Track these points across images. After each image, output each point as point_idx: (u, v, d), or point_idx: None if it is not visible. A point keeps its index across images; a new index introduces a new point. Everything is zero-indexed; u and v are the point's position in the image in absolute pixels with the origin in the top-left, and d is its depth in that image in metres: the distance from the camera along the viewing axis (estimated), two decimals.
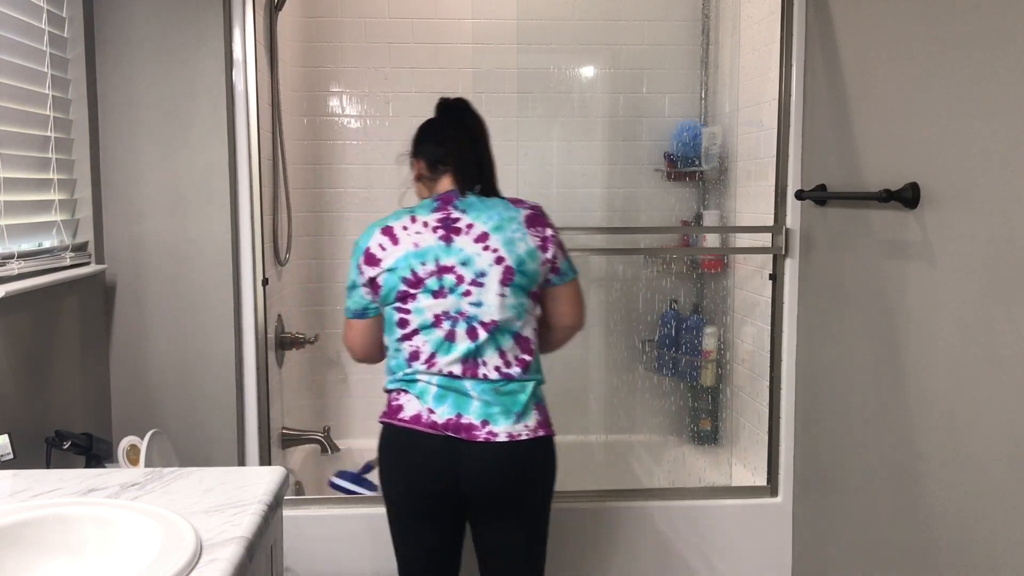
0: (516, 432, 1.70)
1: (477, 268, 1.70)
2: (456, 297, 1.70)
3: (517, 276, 1.71)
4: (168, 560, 1.03)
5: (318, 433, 2.83)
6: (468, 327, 1.70)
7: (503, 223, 1.73)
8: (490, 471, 1.70)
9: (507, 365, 1.72)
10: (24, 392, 1.83)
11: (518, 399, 1.72)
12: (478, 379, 1.71)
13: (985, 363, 1.55)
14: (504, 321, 1.71)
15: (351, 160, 3.10)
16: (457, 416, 1.69)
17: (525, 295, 1.73)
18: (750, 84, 2.73)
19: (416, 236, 1.73)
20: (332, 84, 3.07)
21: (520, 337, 1.74)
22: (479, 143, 1.83)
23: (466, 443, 1.69)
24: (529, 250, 1.72)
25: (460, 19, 3.06)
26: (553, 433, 1.77)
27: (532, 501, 1.75)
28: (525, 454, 1.71)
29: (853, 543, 2.07)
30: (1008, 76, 1.48)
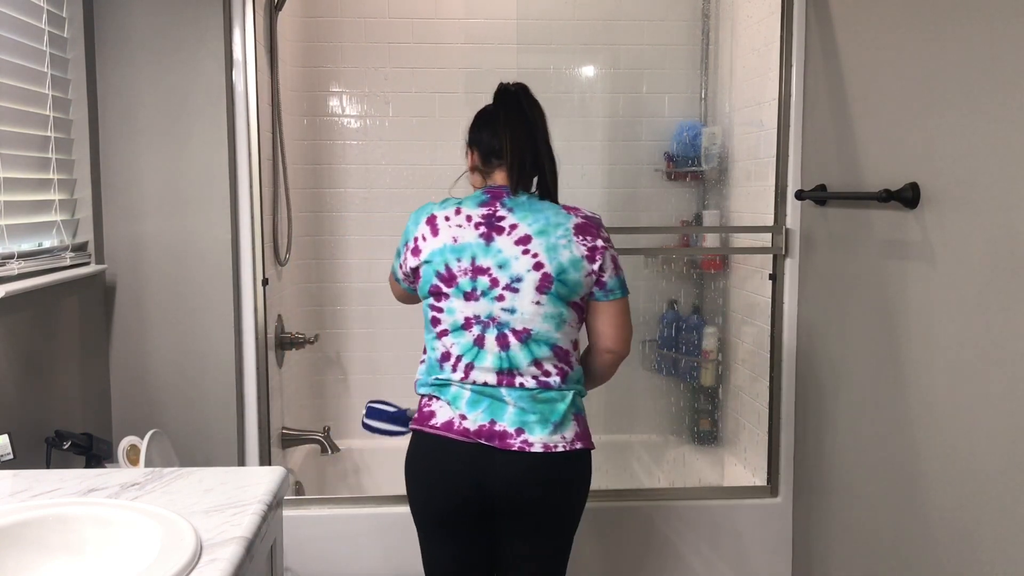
0: (553, 443, 1.61)
1: (513, 272, 1.61)
2: (488, 301, 1.61)
3: (556, 284, 1.61)
4: (168, 560, 1.03)
5: (318, 433, 2.83)
6: (499, 334, 1.62)
7: (548, 227, 1.63)
8: (523, 482, 1.61)
9: (545, 375, 1.63)
10: (24, 392, 1.83)
11: (557, 408, 1.63)
12: (514, 387, 1.63)
13: (985, 363, 1.55)
14: (539, 331, 1.62)
15: (351, 160, 3.10)
16: (491, 423, 1.61)
17: (565, 305, 1.63)
18: (750, 84, 2.73)
19: (456, 230, 1.64)
20: (332, 84, 3.07)
21: (559, 349, 1.64)
22: (537, 136, 1.71)
23: (499, 451, 1.60)
24: (573, 259, 1.62)
25: (460, 19, 3.06)
26: (592, 447, 1.68)
27: (563, 516, 1.67)
28: (561, 467, 1.62)
29: (853, 543, 2.07)
30: (1008, 76, 1.48)
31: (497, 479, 1.61)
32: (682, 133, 3.01)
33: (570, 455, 1.63)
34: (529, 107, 1.72)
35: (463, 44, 3.07)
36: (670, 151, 3.07)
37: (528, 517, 1.65)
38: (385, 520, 2.33)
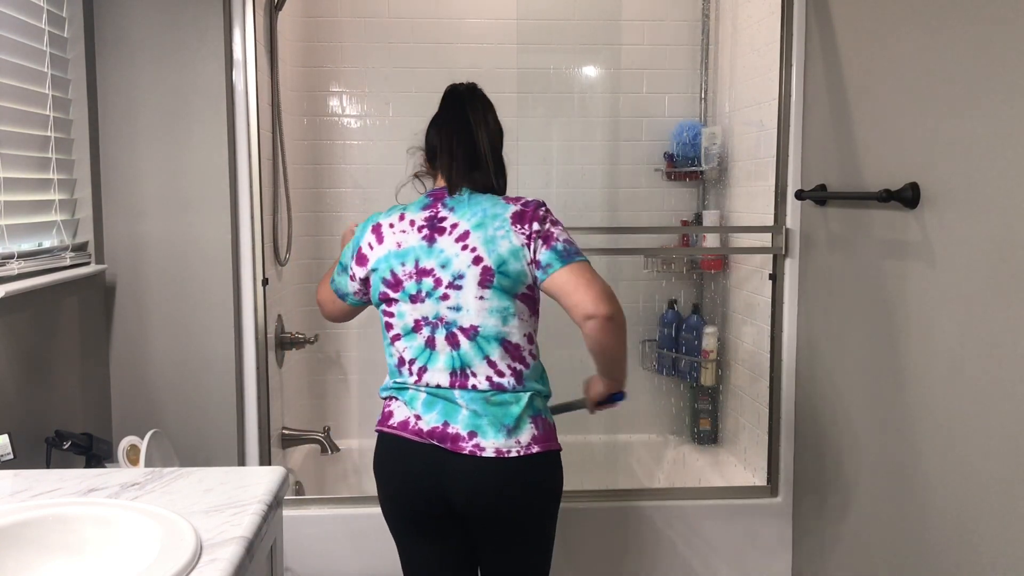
0: (505, 448, 1.56)
1: (455, 270, 1.59)
2: (433, 302, 1.60)
3: (497, 277, 1.57)
4: (168, 560, 1.03)
5: (318, 433, 2.83)
6: (447, 333, 1.59)
7: (485, 220, 1.60)
8: (476, 488, 1.57)
9: (499, 375, 1.59)
10: (24, 392, 1.83)
11: (510, 411, 1.58)
12: (467, 389, 1.59)
13: (985, 363, 1.55)
14: (486, 327, 1.58)
15: (351, 160, 3.10)
16: (444, 424, 1.58)
17: (510, 298, 1.59)
18: (750, 84, 2.73)
19: (400, 235, 1.65)
20: (332, 84, 3.07)
21: (509, 344, 1.60)
22: (477, 135, 1.68)
23: (451, 455, 1.57)
24: (513, 249, 1.58)
25: (460, 19, 3.06)
26: (554, 448, 1.62)
27: (529, 522, 1.62)
28: (515, 472, 1.57)
29: (853, 543, 2.07)
30: (1008, 76, 1.48)
31: (451, 483, 1.58)
32: (682, 133, 3.01)
33: (525, 460, 1.57)
34: (472, 106, 1.71)
35: (463, 44, 3.07)
36: (670, 151, 3.07)
37: (490, 523, 1.61)
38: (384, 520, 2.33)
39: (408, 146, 1.82)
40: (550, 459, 1.62)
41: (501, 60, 3.06)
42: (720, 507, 2.41)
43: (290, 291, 3.00)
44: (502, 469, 1.56)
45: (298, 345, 2.80)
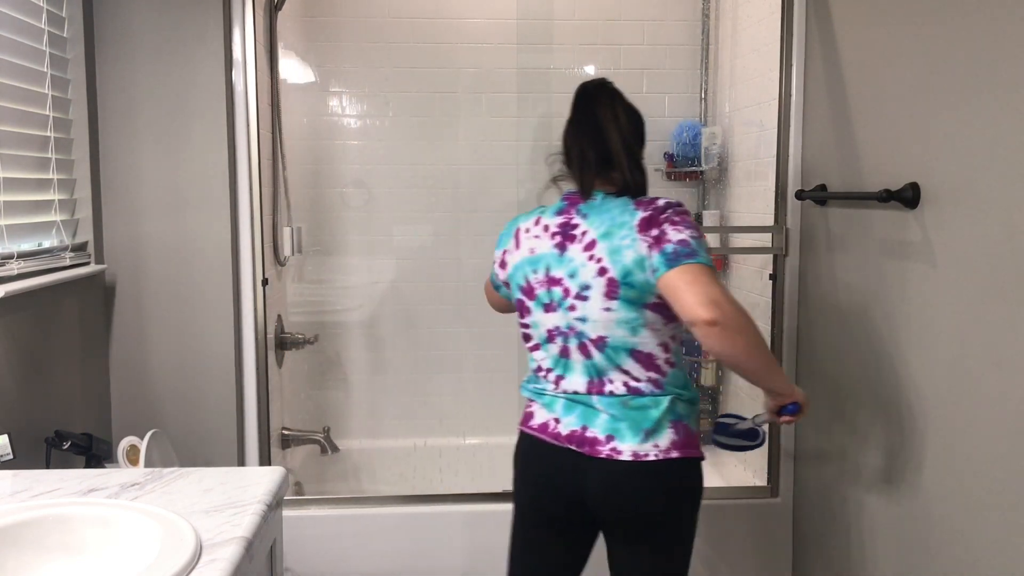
0: (643, 452, 1.54)
1: (582, 280, 1.55)
2: (563, 312, 1.57)
3: (623, 289, 1.51)
4: (168, 560, 1.03)
5: (318, 433, 2.83)
6: (579, 343, 1.57)
7: (613, 228, 1.54)
8: (613, 491, 1.56)
9: (635, 380, 1.56)
10: (24, 392, 1.83)
11: (649, 414, 1.55)
12: (604, 395, 1.57)
13: (985, 363, 1.55)
14: (614, 338, 1.54)
15: (351, 160, 3.10)
16: (583, 428, 1.57)
17: (638, 309, 1.53)
18: (750, 84, 2.73)
19: (534, 241, 1.61)
20: (332, 84, 3.07)
21: (640, 354, 1.55)
22: (607, 134, 1.59)
23: (588, 459, 1.56)
24: (637, 259, 1.50)
25: (460, 19, 3.06)
26: (696, 455, 1.58)
27: (664, 528, 1.58)
28: (652, 476, 1.54)
29: (853, 543, 2.07)
30: (1008, 76, 1.48)
31: (588, 486, 1.58)
32: (682, 133, 3.01)
33: (663, 464, 1.54)
34: (600, 104, 1.62)
35: (463, 44, 3.07)
36: (670, 151, 3.07)
37: (625, 526, 1.59)
38: (385, 520, 2.33)
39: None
40: (688, 465, 1.58)
41: (501, 60, 3.06)
42: (720, 507, 2.41)
43: (290, 291, 3.00)
44: (640, 472, 1.54)
45: (298, 345, 2.80)
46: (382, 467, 3.12)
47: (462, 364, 3.18)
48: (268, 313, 2.35)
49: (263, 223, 2.32)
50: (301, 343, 2.80)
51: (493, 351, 3.18)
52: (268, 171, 2.60)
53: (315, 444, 2.85)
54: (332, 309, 3.15)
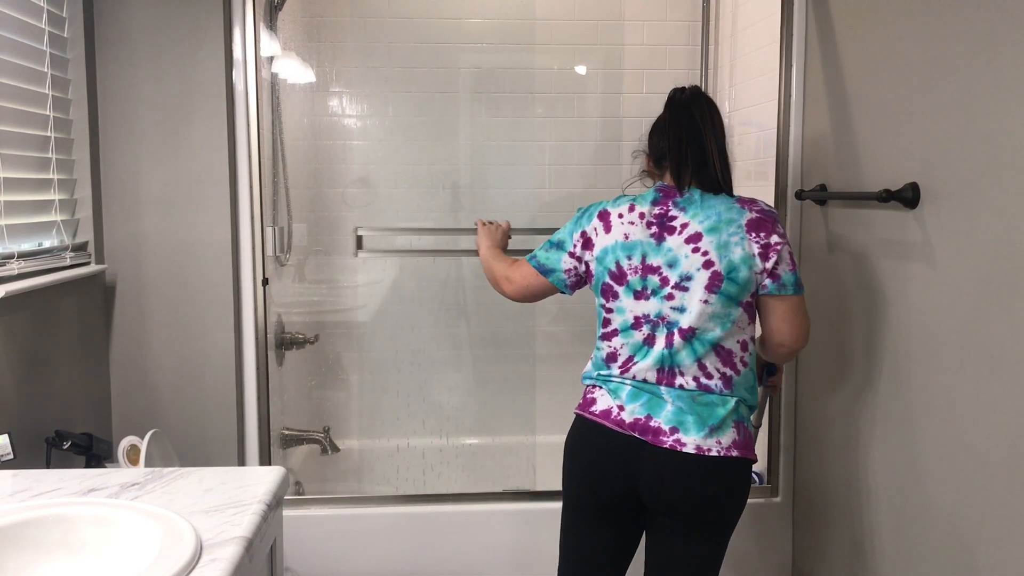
0: (707, 446, 1.58)
1: (683, 271, 1.59)
2: (659, 300, 1.61)
3: (726, 283, 1.58)
4: (168, 560, 1.03)
5: (318, 433, 2.83)
6: (667, 332, 1.61)
7: (720, 224, 1.60)
8: (670, 482, 1.59)
9: (707, 377, 1.61)
10: (24, 392, 1.83)
11: (716, 412, 1.60)
12: (673, 387, 1.61)
13: (985, 363, 1.55)
14: (703, 330, 1.60)
15: (351, 160, 3.10)
16: (647, 417, 1.60)
17: (735, 305, 1.60)
18: (750, 84, 2.73)
19: (628, 227, 1.64)
20: (332, 84, 3.07)
21: (721, 349, 1.61)
22: (702, 138, 1.66)
23: (650, 447, 1.59)
24: (744, 256, 1.58)
25: (460, 19, 3.07)
26: (750, 457, 1.63)
27: (712, 523, 1.63)
28: (711, 472, 1.58)
29: (853, 543, 2.07)
30: (1008, 76, 1.48)
31: (646, 475, 1.61)
32: None
33: (723, 461, 1.59)
34: (699, 109, 1.69)
35: (463, 44, 3.07)
36: None
37: (677, 518, 1.63)
38: (385, 520, 2.33)
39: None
40: (745, 466, 1.63)
41: (501, 60, 3.06)
42: None
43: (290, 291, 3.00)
44: (700, 466, 1.58)
45: (298, 345, 2.80)
46: (382, 467, 3.12)
47: (462, 364, 3.19)
48: (268, 313, 2.35)
49: (263, 223, 2.32)
50: (301, 343, 2.80)
51: (493, 351, 3.18)
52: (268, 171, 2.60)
53: (315, 444, 2.85)
54: (332, 309, 3.15)
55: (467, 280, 3.14)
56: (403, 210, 3.11)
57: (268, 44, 2.63)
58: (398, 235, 3.08)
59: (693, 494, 1.59)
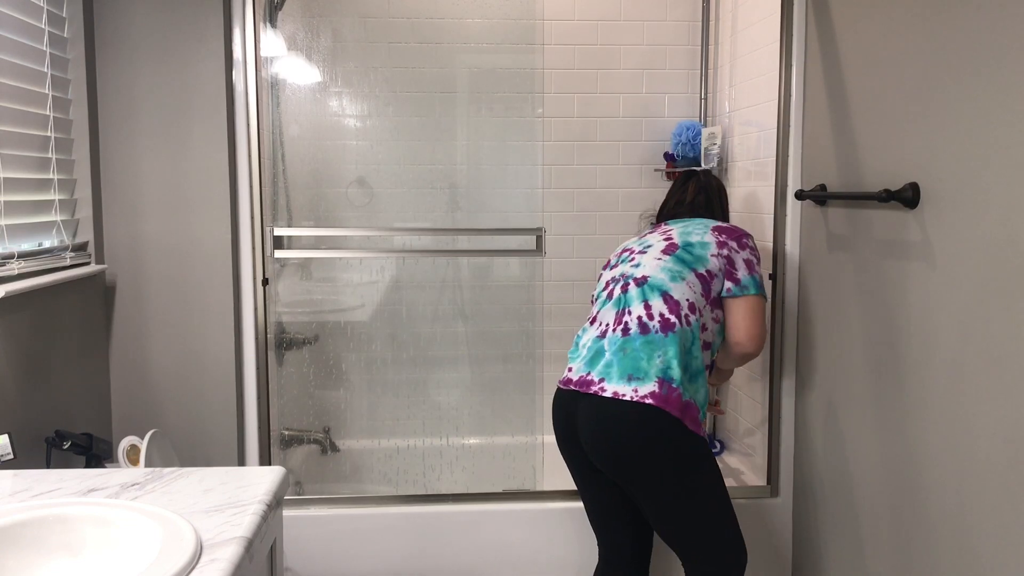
0: (622, 392, 1.70)
1: (647, 244, 1.92)
2: (623, 265, 1.90)
3: (680, 250, 1.84)
4: (168, 560, 1.03)
5: (318, 433, 2.83)
6: (623, 283, 1.85)
7: (690, 225, 1.94)
8: (593, 428, 1.72)
9: (649, 318, 1.77)
10: (24, 392, 1.83)
11: (640, 364, 1.72)
12: (616, 335, 1.77)
13: (985, 363, 1.55)
14: (655, 278, 1.81)
15: (351, 160, 3.10)
16: (587, 373, 1.77)
17: (687, 268, 1.83)
18: (750, 84, 2.73)
19: (625, 242, 2.04)
20: (332, 84, 3.07)
21: (669, 297, 1.79)
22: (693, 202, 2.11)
23: (581, 396, 1.76)
24: (702, 241, 1.87)
25: (460, 19, 3.06)
26: (673, 414, 1.70)
27: (646, 473, 1.70)
28: (622, 415, 1.68)
29: (853, 543, 2.07)
30: (1009, 75, 1.48)
31: (580, 423, 1.76)
32: (682, 133, 3.01)
33: (632, 406, 1.68)
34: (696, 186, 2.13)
35: (463, 44, 3.07)
36: (670, 151, 3.07)
37: (613, 467, 1.73)
38: (385, 520, 2.33)
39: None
40: (662, 417, 1.69)
41: (501, 60, 3.06)
42: None
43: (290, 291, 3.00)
44: (613, 408, 1.71)
45: (298, 345, 2.80)
46: (382, 467, 3.12)
47: (462, 364, 3.19)
48: (268, 313, 2.35)
49: (263, 223, 2.32)
50: (301, 343, 2.80)
51: (493, 351, 3.18)
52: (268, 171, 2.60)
53: (315, 444, 2.85)
54: (332, 309, 3.15)
55: (466, 280, 3.14)
56: (403, 210, 3.11)
57: (268, 44, 2.63)
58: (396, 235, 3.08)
59: (610, 440, 1.70)
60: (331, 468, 3.09)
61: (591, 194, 3.11)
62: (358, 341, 3.17)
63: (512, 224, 3.06)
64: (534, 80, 3.07)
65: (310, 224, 3.11)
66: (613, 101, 3.10)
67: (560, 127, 3.10)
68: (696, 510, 1.74)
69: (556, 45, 3.08)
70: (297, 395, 3.06)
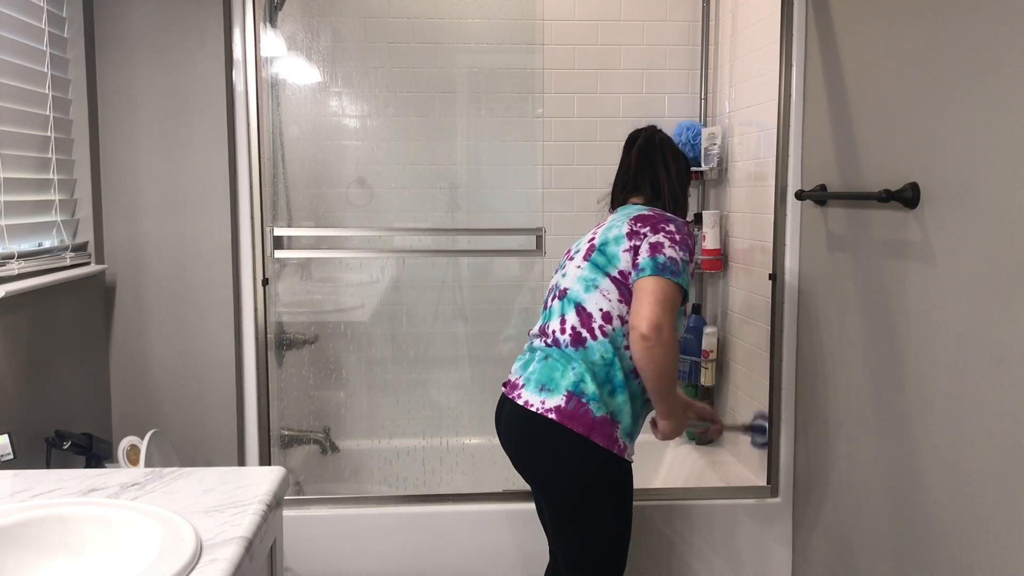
0: (532, 402, 1.72)
1: (578, 248, 1.88)
2: (558, 273, 1.90)
3: (596, 254, 1.79)
4: (168, 560, 1.03)
5: (318, 433, 2.83)
6: (553, 294, 1.86)
7: (617, 219, 1.86)
8: (505, 431, 1.78)
9: (562, 332, 1.77)
10: (24, 392, 1.83)
11: (554, 375, 1.73)
12: (543, 345, 1.80)
13: (985, 363, 1.55)
14: (572, 290, 1.79)
15: (351, 160, 3.10)
16: (518, 377, 1.81)
17: (601, 273, 1.77)
18: (750, 84, 2.73)
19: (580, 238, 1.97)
20: (332, 84, 3.07)
21: (582, 310, 1.76)
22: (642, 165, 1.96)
23: (506, 400, 1.80)
24: (617, 236, 1.79)
25: (460, 19, 3.06)
26: (577, 431, 1.68)
27: (546, 484, 1.74)
28: (526, 425, 1.72)
29: (853, 543, 2.07)
30: (1008, 76, 1.48)
31: (501, 427, 1.82)
32: (682, 133, 3.01)
33: (536, 418, 1.71)
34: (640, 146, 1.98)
35: (463, 44, 3.07)
36: None
37: (524, 473, 1.78)
38: (385, 520, 2.33)
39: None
40: (563, 434, 1.69)
41: (501, 60, 3.06)
42: (720, 507, 2.41)
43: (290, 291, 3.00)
44: (521, 417, 1.74)
45: (298, 345, 2.80)
46: (382, 467, 3.12)
47: (462, 364, 3.18)
48: (268, 313, 2.35)
49: (263, 223, 2.32)
50: (301, 343, 2.80)
51: (493, 351, 3.18)
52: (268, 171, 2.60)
53: (315, 444, 2.85)
54: (332, 309, 3.15)
55: (466, 280, 3.14)
56: (403, 210, 3.11)
57: (268, 44, 2.63)
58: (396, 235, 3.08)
59: (517, 446, 1.75)
60: (331, 468, 3.09)
61: (591, 194, 3.11)
62: (358, 341, 3.17)
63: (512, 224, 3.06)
64: (534, 80, 3.07)
65: (310, 224, 3.10)
66: (613, 101, 3.10)
67: (560, 127, 3.10)
68: (586, 528, 1.74)
69: (556, 45, 3.08)
70: (297, 395, 3.06)
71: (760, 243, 2.62)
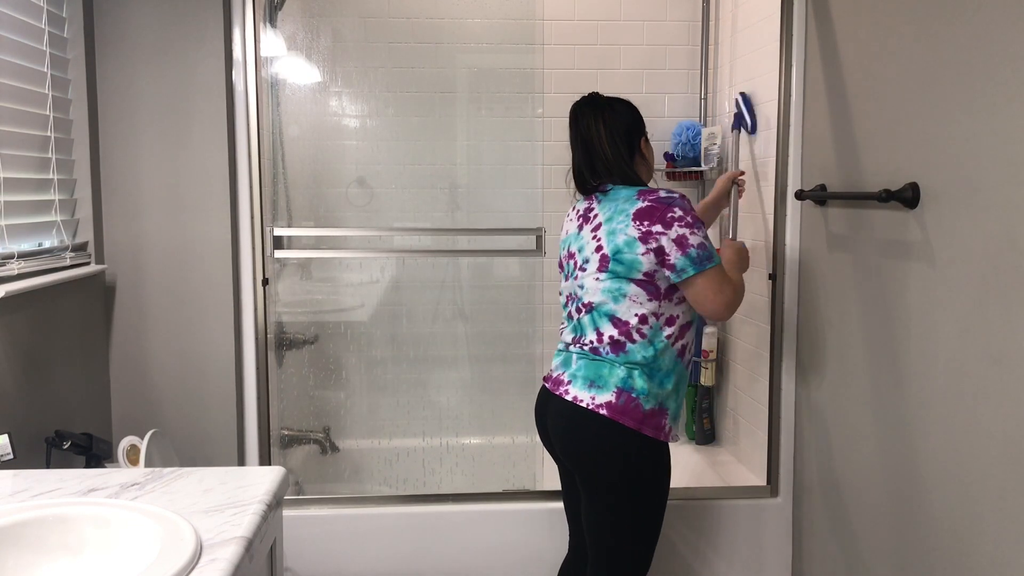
0: (581, 397, 1.77)
1: (585, 255, 1.85)
2: (572, 280, 1.89)
3: (612, 264, 1.79)
4: (168, 560, 1.03)
5: (318, 433, 2.83)
6: (577, 306, 1.87)
7: (614, 215, 1.81)
8: (553, 426, 1.83)
9: (600, 342, 1.80)
10: (24, 392, 1.83)
11: (602, 373, 1.78)
12: (579, 348, 1.85)
13: (985, 363, 1.55)
14: (599, 304, 1.81)
15: (351, 160, 3.10)
16: (561, 373, 1.85)
17: (624, 281, 1.78)
18: (750, 85, 2.73)
19: (568, 224, 1.95)
20: (332, 84, 3.07)
21: (617, 320, 1.79)
22: (592, 140, 1.87)
23: (551, 395, 1.84)
24: (628, 240, 1.77)
25: (460, 19, 3.06)
26: (624, 423, 1.74)
27: (593, 481, 1.77)
28: (578, 420, 1.76)
29: (853, 543, 2.07)
30: (1008, 76, 1.48)
31: (548, 421, 1.86)
32: (682, 133, 3.01)
33: (587, 412, 1.76)
34: (584, 118, 1.89)
35: (463, 44, 3.07)
36: (670, 151, 3.07)
37: (575, 467, 1.81)
38: (385, 520, 2.33)
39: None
40: (614, 428, 1.76)
41: (501, 60, 3.06)
42: (720, 507, 2.41)
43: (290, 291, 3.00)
44: (572, 413, 1.78)
45: (298, 345, 2.80)
46: (382, 467, 3.12)
47: (462, 364, 3.18)
48: (268, 313, 2.35)
49: (263, 223, 2.32)
50: (301, 343, 2.80)
51: (493, 350, 3.18)
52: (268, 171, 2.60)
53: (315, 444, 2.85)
54: (332, 309, 3.15)
55: (466, 280, 3.14)
56: (403, 210, 3.11)
57: (268, 44, 2.63)
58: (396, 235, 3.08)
59: (566, 440, 1.80)
60: (331, 468, 3.09)
61: None
62: (358, 341, 3.17)
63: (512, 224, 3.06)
64: (534, 80, 3.06)
65: (310, 224, 3.10)
66: None
67: (560, 127, 3.10)
68: (623, 524, 1.80)
69: (556, 45, 3.08)
70: (297, 395, 3.06)
71: (760, 243, 2.62)
